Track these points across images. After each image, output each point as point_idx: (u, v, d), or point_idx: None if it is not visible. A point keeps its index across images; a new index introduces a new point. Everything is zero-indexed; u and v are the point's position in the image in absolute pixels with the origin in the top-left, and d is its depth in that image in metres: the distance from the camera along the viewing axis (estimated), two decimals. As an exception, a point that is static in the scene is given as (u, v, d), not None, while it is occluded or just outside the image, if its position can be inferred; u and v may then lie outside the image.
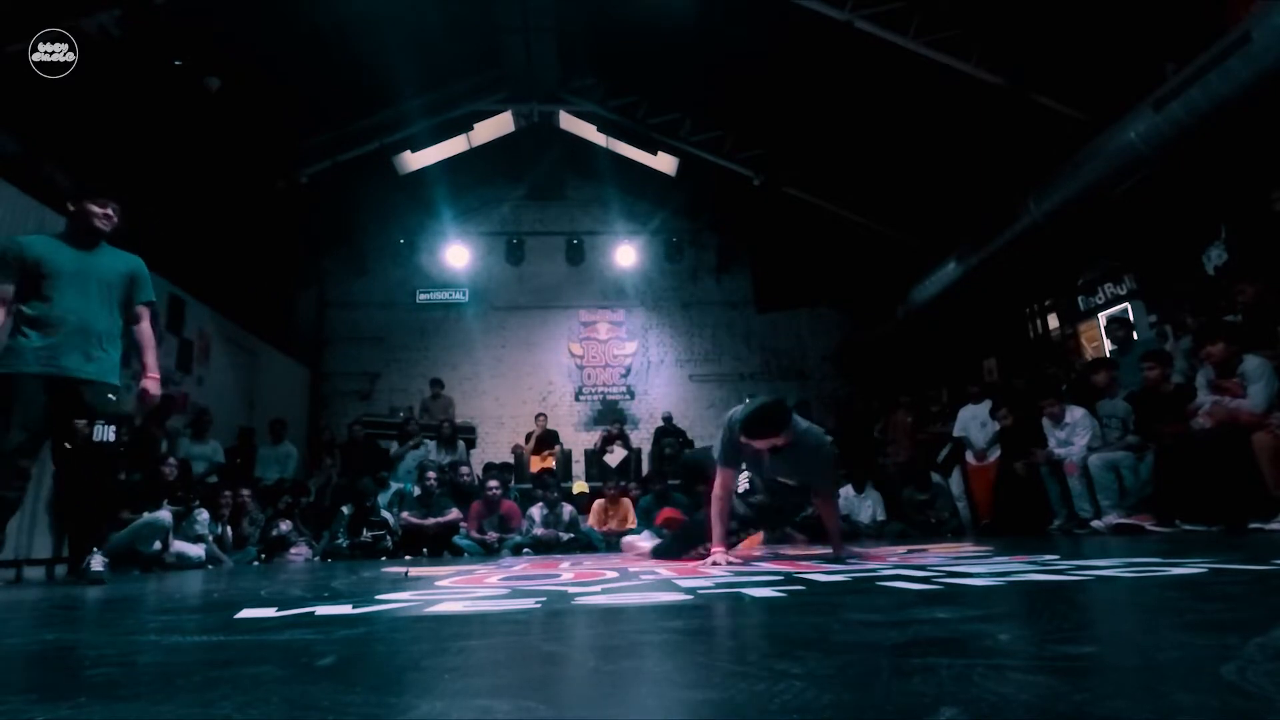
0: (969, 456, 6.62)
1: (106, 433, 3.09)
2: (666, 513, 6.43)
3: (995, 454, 6.30)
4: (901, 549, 3.67)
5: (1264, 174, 5.51)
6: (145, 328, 3.31)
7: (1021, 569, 1.98)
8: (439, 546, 6.45)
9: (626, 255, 11.24)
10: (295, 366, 10.34)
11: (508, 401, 11.09)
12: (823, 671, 0.78)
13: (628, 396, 11.28)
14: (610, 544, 6.54)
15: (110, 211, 3.23)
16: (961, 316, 9.21)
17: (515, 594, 1.85)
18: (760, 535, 6.99)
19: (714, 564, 2.72)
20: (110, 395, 3.14)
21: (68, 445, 3.03)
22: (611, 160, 10.86)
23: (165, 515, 4.93)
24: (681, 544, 3.48)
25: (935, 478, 6.94)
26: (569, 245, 11.38)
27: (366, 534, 6.37)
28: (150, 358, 3.28)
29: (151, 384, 3.23)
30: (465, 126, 9.83)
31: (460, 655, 0.97)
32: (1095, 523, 4.82)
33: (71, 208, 3.23)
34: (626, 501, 7.05)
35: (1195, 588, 1.47)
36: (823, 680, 0.73)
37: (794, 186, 9.48)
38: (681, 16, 7.10)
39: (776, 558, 3.32)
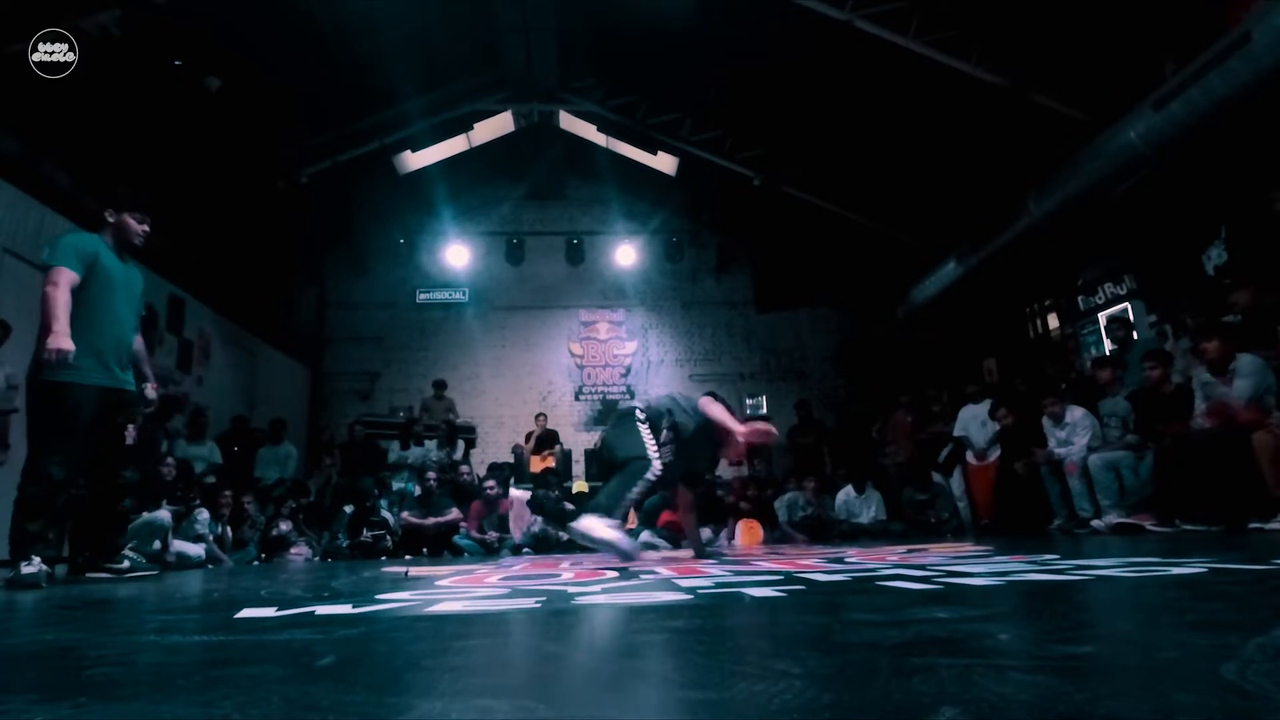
0: (969, 456, 6.62)
1: (131, 436, 3.29)
2: (669, 515, 6.42)
3: (995, 454, 6.30)
4: (901, 549, 3.67)
5: (1264, 174, 5.51)
6: (140, 339, 3.44)
7: (1021, 569, 1.97)
8: (439, 546, 6.46)
9: (626, 255, 11.24)
10: (295, 366, 10.34)
11: (508, 401, 11.09)
12: (823, 671, 0.78)
13: (628, 396, 11.28)
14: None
15: (147, 227, 3.32)
16: (961, 316, 9.21)
17: (515, 594, 1.85)
18: (760, 534, 7.02)
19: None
20: (136, 405, 3.33)
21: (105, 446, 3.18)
22: (611, 160, 10.86)
23: (165, 515, 4.93)
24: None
25: (935, 478, 6.94)
26: (569, 245, 11.38)
27: (366, 534, 6.37)
28: (147, 367, 3.49)
29: (153, 390, 3.49)
30: (465, 126, 9.83)
31: (460, 655, 0.97)
32: (1095, 523, 4.82)
33: (111, 219, 3.24)
34: (626, 501, 7.04)
35: (1195, 588, 1.47)
36: (823, 680, 0.73)
37: (794, 186, 9.47)
38: (681, 16, 7.09)
39: (776, 557, 3.32)
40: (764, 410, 10.33)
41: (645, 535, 6.56)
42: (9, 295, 4.94)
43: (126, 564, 3.28)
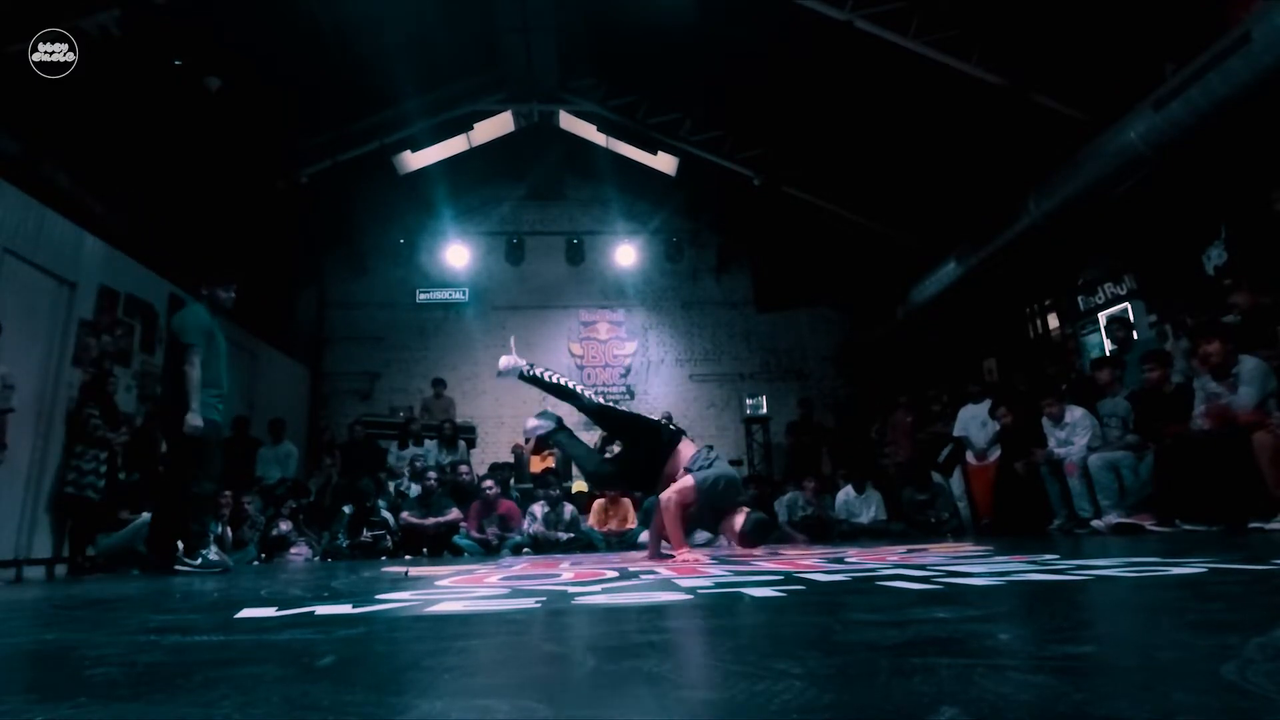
0: (969, 456, 6.62)
1: None
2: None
3: (995, 454, 6.29)
4: (901, 549, 3.67)
5: (1264, 174, 5.50)
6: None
7: (1021, 569, 1.97)
8: (439, 546, 6.45)
9: (626, 255, 11.24)
10: (295, 366, 10.34)
11: (508, 401, 11.08)
12: (823, 671, 0.78)
13: (628, 396, 11.28)
14: (610, 544, 6.54)
15: (234, 294, 4.20)
16: (961, 316, 9.20)
17: (515, 594, 1.85)
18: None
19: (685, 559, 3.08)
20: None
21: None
22: (611, 160, 10.85)
23: (165, 515, 4.92)
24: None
25: (935, 478, 6.94)
26: (569, 245, 11.38)
27: (366, 534, 6.37)
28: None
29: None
30: (465, 126, 9.83)
31: (460, 655, 0.97)
32: (1095, 523, 4.82)
33: (205, 292, 4.14)
34: (626, 501, 7.04)
35: (1195, 588, 1.47)
36: (823, 680, 0.73)
37: (794, 186, 9.47)
38: (682, 16, 7.09)
39: (776, 557, 3.32)
40: (764, 410, 10.32)
41: (645, 535, 6.56)
42: (9, 295, 4.94)
43: (200, 560, 3.92)
